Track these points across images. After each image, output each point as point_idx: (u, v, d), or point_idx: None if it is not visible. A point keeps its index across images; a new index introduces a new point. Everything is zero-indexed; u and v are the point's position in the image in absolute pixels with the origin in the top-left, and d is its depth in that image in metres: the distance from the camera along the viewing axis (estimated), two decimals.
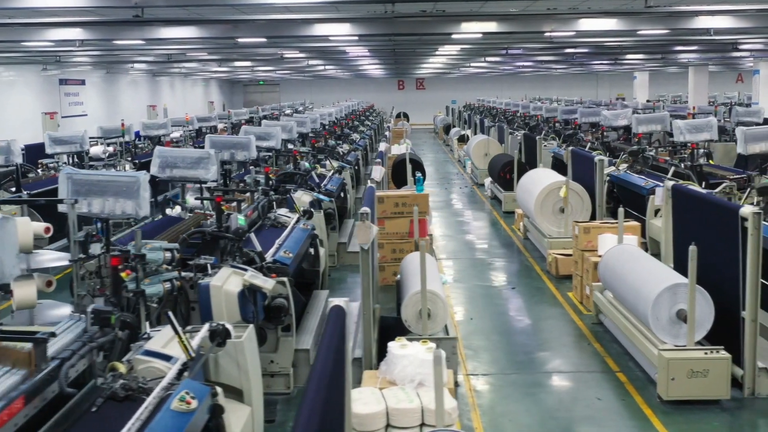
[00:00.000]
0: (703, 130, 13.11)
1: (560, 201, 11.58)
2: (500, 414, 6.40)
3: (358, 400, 5.87)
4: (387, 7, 9.83)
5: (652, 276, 7.13)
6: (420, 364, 6.11)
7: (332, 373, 3.13)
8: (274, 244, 7.64)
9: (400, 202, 10.51)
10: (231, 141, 11.47)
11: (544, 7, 12.14)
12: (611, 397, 6.71)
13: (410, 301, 7.22)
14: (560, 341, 8.19)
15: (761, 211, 6.53)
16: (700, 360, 6.42)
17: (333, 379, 3.19)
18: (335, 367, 3.44)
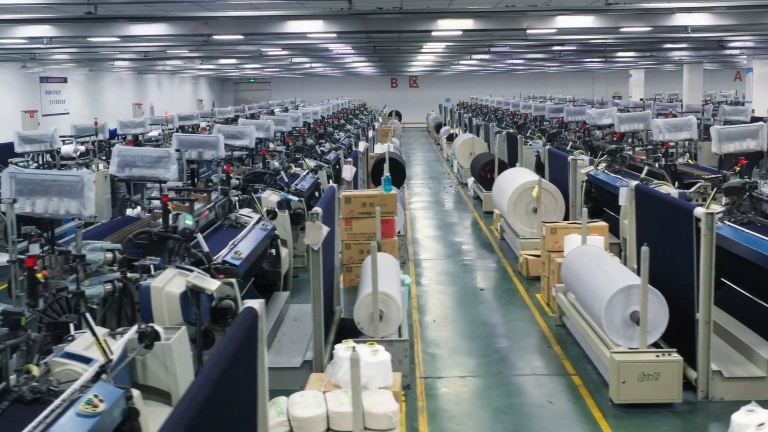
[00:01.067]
0: (682, 129, 13.10)
1: (533, 201, 11.59)
2: (447, 418, 6.41)
3: (299, 404, 5.90)
4: (344, 4, 9.82)
5: (608, 277, 7.14)
6: (365, 367, 6.09)
7: (221, 377, 3.12)
8: (228, 244, 7.65)
9: (367, 202, 10.50)
10: (198, 140, 11.45)
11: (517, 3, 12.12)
12: (563, 400, 6.72)
13: (362, 303, 7.23)
14: (521, 344, 8.20)
15: (714, 212, 6.53)
16: (651, 363, 6.43)
17: (224, 383, 3.18)
18: (235, 370, 3.45)
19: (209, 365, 3.15)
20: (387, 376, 6.18)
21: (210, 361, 3.22)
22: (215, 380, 3.07)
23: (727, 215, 8.38)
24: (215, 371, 3.11)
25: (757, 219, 8.24)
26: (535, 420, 6.33)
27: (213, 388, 2.99)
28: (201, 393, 2.88)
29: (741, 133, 10.73)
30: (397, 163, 17.13)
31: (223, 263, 7.00)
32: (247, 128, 13.77)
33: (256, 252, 7.92)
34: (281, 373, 7.06)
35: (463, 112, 32.22)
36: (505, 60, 30.39)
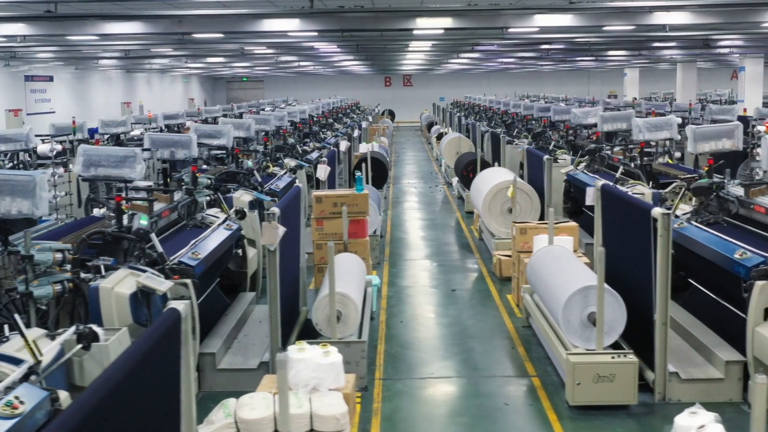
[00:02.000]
0: (662, 129, 13.10)
1: (509, 201, 11.59)
2: (401, 419, 6.41)
3: (247, 406, 5.88)
4: (306, 3, 9.81)
5: (568, 278, 7.14)
6: (315, 368, 6.12)
7: (126, 379, 3.12)
8: (188, 245, 7.65)
9: (339, 202, 10.50)
10: (171, 139, 11.42)
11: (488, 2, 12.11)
12: (519, 401, 6.72)
13: (320, 304, 7.24)
14: (486, 345, 8.21)
15: (669, 213, 6.53)
16: (606, 364, 6.43)
17: (130, 385, 3.18)
18: (147, 372, 3.44)
19: (111, 367, 3.15)
20: (338, 377, 6.17)
21: (114, 363, 3.21)
22: (118, 381, 3.07)
23: (695, 215, 8.40)
24: (118, 373, 3.11)
25: (723, 219, 8.26)
26: (488, 422, 6.33)
27: (112, 390, 2.99)
28: (95, 395, 2.88)
29: (716, 133, 10.71)
30: (380, 163, 17.16)
31: (179, 264, 7.00)
32: (225, 128, 13.72)
33: (217, 252, 7.91)
34: (238, 374, 7.07)
35: (454, 111, 32.24)
36: (497, 59, 30.38)
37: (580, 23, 13.24)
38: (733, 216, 8.25)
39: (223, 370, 7.13)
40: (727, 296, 7.39)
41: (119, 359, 3.26)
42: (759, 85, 27.01)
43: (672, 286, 8.64)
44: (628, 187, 10.77)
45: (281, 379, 4.12)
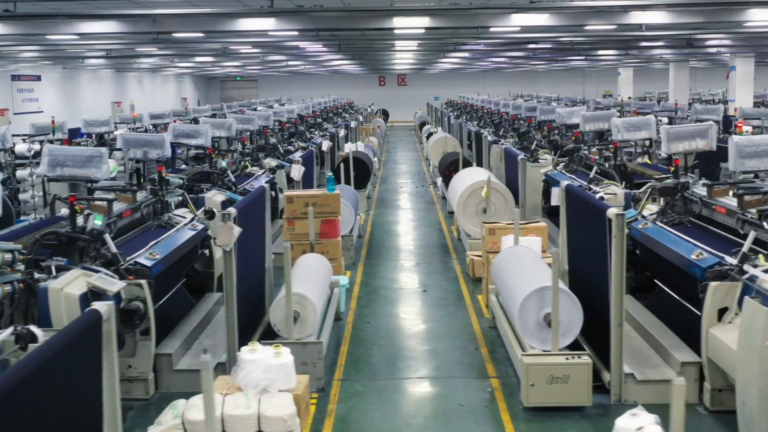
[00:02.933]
0: (641, 129, 13.09)
1: (484, 201, 11.58)
2: (355, 420, 6.41)
3: (195, 407, 5.88)
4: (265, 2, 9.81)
5: (526, 279, 7.13)
6: (265, 369, 6.11)
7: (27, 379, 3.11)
8: (148, 245, 7.64)
9: (310, 202, 10.50)
10: (143, 139, 11.41)
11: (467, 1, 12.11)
12: (475, 403, 6.71)
13: (277, 305, 7.23)
14: (449, 346, 8.20)
15: (623, 214, 6.52)
16: (560, 366, 6.42)
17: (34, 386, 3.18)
18: (56, 373, 3.44)
19: (12, 369, 3.14)
20: (289, 378, 6.17)
21: (16, 365, 3.21)
22: (21, 379, 3.06)
23: (660, 216, 8.40)
24: (20, 373, 3.10)
25: (688, 220, 8.26)
26: (441, 423, 6.32)
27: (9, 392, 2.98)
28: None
29: (690, 133, 10.68)
30: (363, 163, 17.15)
31: (135, 264, 6.99)
32: (203, 127, 13.73)
33: (178, 253, 7.90)
34: (195, 375, 6.99)
35: (446, 111, 32.24)
36: (487, 58, 30.36)
37: (558, 22, 13.23)
38: (697, 216, 8.26)
39: (180, 371, 7.13)
40: (688, 297, 7.37)
41: (24, 359, 3.26)
42: (749, 85, 26.99)
43: (638, 287, 8.74)
44: (602, 187, 10.79)
45: (205, 381, 4.11)
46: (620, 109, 23.90)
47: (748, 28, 16.14)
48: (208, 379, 4.13)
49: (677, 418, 3.73)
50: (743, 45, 22.50)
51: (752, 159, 8.52)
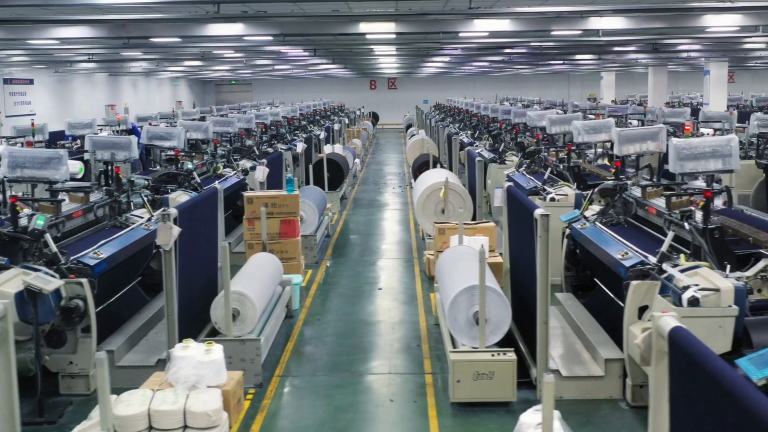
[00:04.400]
0: (601, 131, 13.08)
1: (442, 202, 11.57)
2: (284, 416, 6.40)
3: (124, 402, 5.88)
4: (209, 8, 9.81)
5: (459, 278, 7.12)
6: (195, 366, 6.11)
7: None
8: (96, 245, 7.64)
9: (269, 202, 10.50)
10: (111, 141, 11.40)
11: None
12: (405, 398, 6.71)
13: (217, 303, 7.22)
14: (392, 342, 8.19)
15: (547, 214, 6.51)
16: (485, 362, 6.42)
17: None
18: None
19: None
20: (219, 374, 6.17)
21: None
22: None
23: (600, 216, 8.40)
24: None
25: (626, 220, 8.27)
26: (368, 418, 6.32)
27: None
28: None
29: (641, 135, 10.68)
30: (337, 165, 17.15)
31: (76, 263, 6.98)
32: (176, 130, 13.73)
33: (127, 252, 7.89)
34: (136, 371, 7.03)
35: (431, 114, 32.22)
36: (470, 63, 30.36)
37: (520, 28, 13.23)
38: (634, 216, 8.26)
39: (122, 368, 7.12)
40: (620, 296, 7.38)
41: None
42: (723, 89, 27.00)
43: (579, 285, 8.74)
44: (555, 188, 10.79)
45: (101, 378, 4.10)
46: (594, 111, 23.92)
47: (711, 33, 16.15)
48: (103, 376, 4.12)
49: (548, 415, 3.73)
50: (712, 50, 22.50)
51: (690, 161, 8.53)
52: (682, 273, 5.96)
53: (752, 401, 2.67)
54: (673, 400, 3.44)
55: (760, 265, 6.20)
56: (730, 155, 8.46)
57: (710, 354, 3.08)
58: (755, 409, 2.63)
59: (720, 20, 13.12)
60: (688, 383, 3.26)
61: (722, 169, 8.61)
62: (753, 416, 2.62)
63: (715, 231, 6.46)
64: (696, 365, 3.11)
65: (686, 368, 3.24)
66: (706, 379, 2.99)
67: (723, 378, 2.87)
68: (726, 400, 2.81)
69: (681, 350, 3.30)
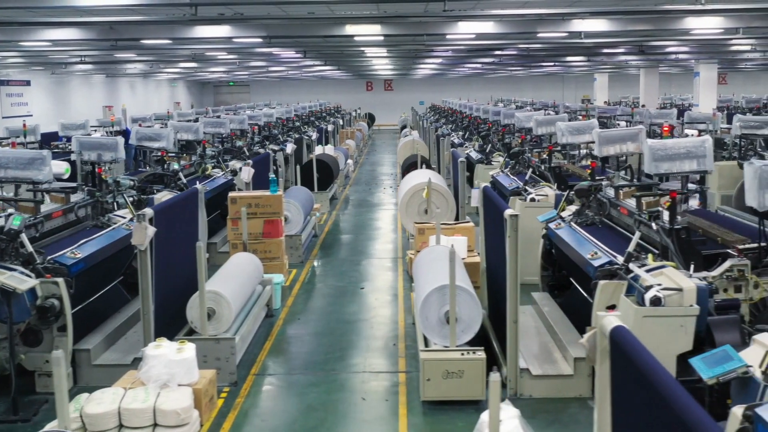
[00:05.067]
0: (584, 132, 13.10)
1: (425, 202, 11.57)
2: (257, 414, 6.41)
3: (95, 400, 5.89)
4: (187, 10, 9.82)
5: (430, 277, 7.13)
6: (167, 364, 6.11)
7: None
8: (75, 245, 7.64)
9: (253, 203, 10.51)
10: (98, 142, 11.41)
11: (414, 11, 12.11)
12: (377, 397, 6.72)
13: (193, 303, 7.23)
14: (370, 341, 8.20)
15: (515, 214, 6.52)
16: (454, 361, 6.43)
17: None
18: None
19: None
20: (191, 373, 6.17)
21: None
22: None
23: (576, 216, 8.40)
24: None
25: (601, 220, 8.27)
26: (339, 416, 6.32)
27: None
28: None
29: (621, 136, 10.68)
30: (327, 166, 17.15)
31: (53, 263, 6.98)
32: (164, 131, 13.75)
33: (106, 252, 7.88)
34: (113, 369, 7.03)
35: (426, 115, 32.23)
36: (464, 64, 30.34)
37: (505, 30, 13.22)
38: (609, 217, 8.26)
39: (99, 366, 7.13)
40: (592, 295, 7.38)
41: None
42: (713, 90, 27.00)
43: (555, 285, 8.75)
44: (536, 189, 10.80)
45: (57, 377, 4.10)
46: (582, 113, 23.94)
47: (696, 35, 16.15)
48: (59, 375, 4.12)
49: (494, 414, 3.73)
50: (699, 51, 22.50)
51: (665, 162, 8.53)
52: (647, 273, 5.96)
53: (679, 402, 2.67)
54: (614, 398, 3.45)
55: (726, 265, 6.20)
56: (705, 156, 8.47)
57: (646, 354, 3.09)
58: (681, 410, 2.64)
59: (701, 22, 13.14)
60: (626, 381, 3.27)
61: (697, 170, 8.64)
62: (678, 416, 2.63)
63: (682, 231, 6.46)
64: (632, 364, 3.12)
65: (625, 367, 3.25)
66: (641, 378, 2.99)
67: (654, 378, 2.88)
68: (657, 399, 2.82)
69: (621, 349, 3.30)
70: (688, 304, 5.54)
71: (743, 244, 6.42)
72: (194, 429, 5.95)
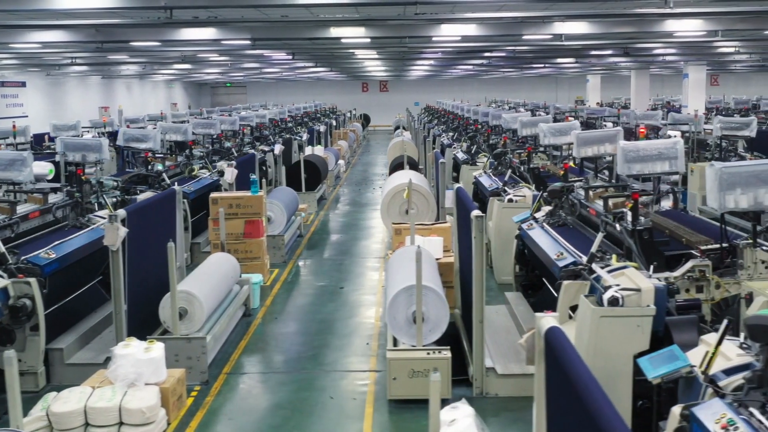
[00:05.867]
0: (566, 134, 13.11)
1: (406, 203, 11.57)
2: (224, 413, 6.42)
3: (61, 399, 5.90)
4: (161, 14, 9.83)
5: (400, 278, 7.13)
6: (134, 363, 6.14)
7: None
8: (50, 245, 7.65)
9: (234, 203, 10.52)
10: (82, 143, 11.42)
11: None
12: (345, 395, 6.73)
13: (166, 302, 7.23)
14: (345, 341, 8.21)
15: (481, 215, 6.53)
16: (420, 360, 6.44)
17: None
18: None
19: None
20: (158, 372, 6.19)
21: None
22: None
23: (549, 217, 8.42)
24: None
25: (573, 221, 8.28)
26: (304, 415, 6.33)
27: None
28: None
29: (598, 138, 10.71)
30: (315, 167, 17.17)
31: (26, 263, 6.99)
32: (152, 132, 13.77)
33: (83, 252, 7.89)
34: (86, 368, 7.03)
35: (421, 116, 32.21)
36: (456, 66, 30.36)
37: (487, 32, 13.23)
38: (580, 217, 8.27)
39: (72, 365, 7.13)
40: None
41: None
42: (702, 91, 27.01)
43: (529, 285, 8.76)
44: (515, 189, 10.82)
45: (9, 376, 4.11)
46: (574, 113, 23.95)
47: (680, 38, 16.15)
48: (11, 374, 4.13)
49: (434, 412, 3.75)
50: (684, 53, 22.51)
51: (637, 163, 8.55)
52: (609, 273, 5.97)
53: (594, 404, 2.68)
54: (548, 398, 3.46)
55: (688, 265, 6.21)
56: (676, 157, 8.50)
57: (574, 356, 3.10)
58: (594, 412, 2.65)
59: (681, 25, 13.14)
60: (558, 382, 3.28)
61: (668, 171, 8.66)
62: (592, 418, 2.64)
63: (644, 232, 6.47)
64: (560, 365, 3.13)
65: (556, 367, 3.26)
66: (567, 379, 3.01)
67: (576, 379, 2.89)
68: (577, 401, 2.83)
69: (553, 350, 3.31)
70: (646, 305, 5.55)
71: (706, 245, 6.44)
72: (160, 427, 5.97)
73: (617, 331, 5.42)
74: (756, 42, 18.61)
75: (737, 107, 27.14)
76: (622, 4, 11.74)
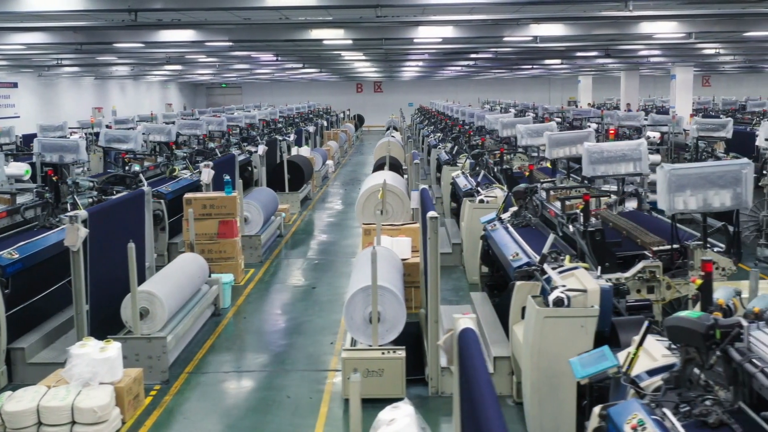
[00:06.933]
0: (542, 135, 13.14)
1: (381, 203, 11.59)
2: (180, 412, 6.43)
3: (15, 398, 5.92)
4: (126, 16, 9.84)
5: (359, 278, 7.15)
6: (89, 363, 6.15)
7: None
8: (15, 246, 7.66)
9: (208, 204, 10.53)
10: (59, 144, 11.44)
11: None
12: (303, 394, 6.74)
13: (127, 302, 7.24)
14: (309, 340, 8.22)
15: (436, 217, 6.54)
16: (374, 360, 6.45)
17: None
18: None
19: None
20: (114, 371, 6.21)
21: None
22: None
23: (513, 218, 8.43)
24: None
25: (536, 221, 8.29)
26: (258, 414, 6.35)
27: None
28: None
29: (571, 139, 10.75)
30: (298, 167, 17.18)
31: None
32: (133, 132, 13.79)
33: (49, 252, 7.90)
34: (47, 368, 7.03)
35: (414, 116, 32.26)
36: (446, 67, 30.36)
37: (468, 34, 13.24)
38: (543, 218, 8.29)
39: (33, 364, 7.14)
40: None
41: None
42: (689, 93, 27.02)
43: (494, 285, 8.76)
44: (487, 190, 10.82)
45: None
46: (560, 115, 23.99)
47: (658, 40, 16.16)
48: None
49: (355, 411, 3.77)
50: (667, 55, 22.52)
51: (602, 164, 8.58)
52: (559, 274, 5.98)
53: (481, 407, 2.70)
54: (461, 396, 3.48)
55: (639, 266, 6.23)
56: (640, 159, 8.53)
57: (477, 357, 3.12)
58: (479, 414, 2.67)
59: (656, 27, 13.15)
60: (467, 381, 3.30)
61: (632, 173, 8.69)
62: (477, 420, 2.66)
63: (596, 233, 6.48)
64: (466, 367, 3.15)
65: (466, 367, 3.28)
66: (467, 382, 3.03)
67: (472, 382, 2.91)
68: (469, 403, 2.85)
69: (464, 350, 3.33)
70: (591, 305, 5.56)
71: (659, 246, 6.46)
72: (114, 426, 5.99)
73: (561, 332, 5.43)
74: (737, 44, 18.63)
75: (725, 108, 27.18)
76: (589, 6, 11.75)
